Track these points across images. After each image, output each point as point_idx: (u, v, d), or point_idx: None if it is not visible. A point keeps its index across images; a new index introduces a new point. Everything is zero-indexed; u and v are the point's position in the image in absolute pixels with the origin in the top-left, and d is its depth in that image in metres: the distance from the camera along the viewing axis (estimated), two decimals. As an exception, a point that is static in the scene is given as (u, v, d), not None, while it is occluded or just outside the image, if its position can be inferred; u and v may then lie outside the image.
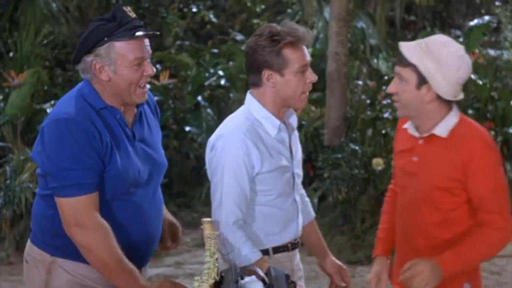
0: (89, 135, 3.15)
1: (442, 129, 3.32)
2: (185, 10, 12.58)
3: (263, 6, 12.72)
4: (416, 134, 3.39)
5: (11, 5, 9.93)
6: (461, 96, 3.31)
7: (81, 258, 3.25)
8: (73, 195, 3.13)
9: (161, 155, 3.45)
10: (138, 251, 3.33)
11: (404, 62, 3.28)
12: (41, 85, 9.11)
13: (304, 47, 3.39)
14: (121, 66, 3.19)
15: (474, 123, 3.41)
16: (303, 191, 3.71)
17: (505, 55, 10.22)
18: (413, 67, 3.25)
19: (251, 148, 3.31)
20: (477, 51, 10.37)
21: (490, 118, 9.04)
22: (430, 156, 3.34)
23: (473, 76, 9.36)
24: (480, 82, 9.27)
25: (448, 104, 3.32)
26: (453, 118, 3.33)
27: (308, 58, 3.41)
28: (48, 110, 8.42)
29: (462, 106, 9.00)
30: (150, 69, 3.25)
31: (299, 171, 3.55)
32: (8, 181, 7.43)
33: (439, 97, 3.28)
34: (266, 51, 3.33)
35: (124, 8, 3.21)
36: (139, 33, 3.20)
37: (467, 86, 9.35)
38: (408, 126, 3.44)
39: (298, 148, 3.57)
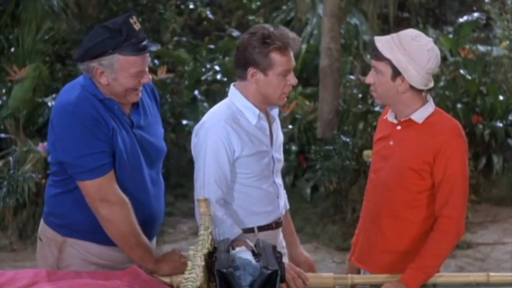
0: (96, 121, 3.36)
1: (419, 116, 3.59)
2: (183, 7, 12.66)
3: (258, 3, 12.83)
4: (395, 121, 3.66)
5: (13, 2, 9.98)
6: (431, 84, 3.57)
7: (89, 237, 3.48)
8: (95, 177, 3.35)
9: (159, 140, 3.65)
10: (143, 228, 3.51)
11: (379, 56, 3.53)
12: (42, 79, 9.18)
13: (291, 53, 3.60)
14: (121, 76, 3.39)
15: (447, 114, 3.68)
16: (281, 182, 3.89)
17: (494, 51, 10.29)
18: (388, 61, 3.51)
19: (231, 134, 3.56)
20: (467, 46, 10.53)
21: (479, 112, 9.18)
22: (406, 140, 3.60)
23: (462, 71, 9.58)
24: (469, 77, 9.42)
25: (421, 92, 3.59)
26: (429, 107, 3.61)
27: (293, 63, 3.63)
28: (49, 104, 8.58)
29: (452, 100, 9.22)
30: (147, 79, 3.46)
31: (278, 155, 3.78)
32: (11, 171, 7.57)
33: (412, 87, 3.54)
34: (255, 51, 3.55)
35: (131, 20, 3.37)
36: (142, 50, 3.37)
37: (456, 81, 9.58)
38: (388, 115, 3.71)
39: (279, 135, 3.81)
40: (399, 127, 3.64)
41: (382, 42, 3.53)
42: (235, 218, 3.62)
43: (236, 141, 3.59)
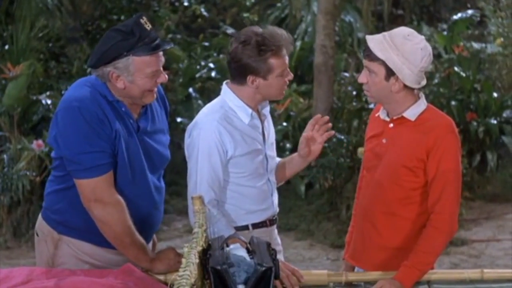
0: (100, 120, 3.35)
1: (411, 113, 3.58)
2: (177, 4, 12.64)
3: (253, 0, 12.85)
4: (387, 118, 3.65)
5: (7, -1, 10.08)
6: (424, 82, 3.57)
7: (83, 236, 3.48)
8: (91, 176, 3.34)
9: (164, 148, 3.64)
10: (141, 232, 3.51)
11: (372, 56, 3.51)
12: (37, 77, 9.16)
13: (285, 51, 3.62)
14: (138, 77, 3.38)
15: (439, 111, 3.68)
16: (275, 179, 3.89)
17: (488, 48, 10.34)
18: (381, 62, 3.49)
19: (224, 134, 3.57)
20: (461, 44, 10.54)
21: (473, 109, 9.21)
22: (399, 137, 3.60)
23: (456, 68, 9.59)
24: (464, 74, 9.44)
25: (413, 90, 3.58)
26: (421, 105, 3.60)
27: (287, 60, 3.65)
28: (43, 101, 8.59)
29: (446, 98, 9.23)
30: (164, 78, 3.44)
31: (271, 153, 3.80)
32: (5, 169, 7.56)
33: (405, 86, 3.53)
34: (252, 60, 3.56)
35: (141, 20, 3.36)
36: (156, 49, 3.36)
37: (450, 78, 9.60)
38: (380, 113, 3.70)
39: (271, 133, 3.82)
40: (391, 125, 3.64)
41: (375, 42, 3.51)
42: (229, 217, 3.63)
43: (228, 141, 3.59)
